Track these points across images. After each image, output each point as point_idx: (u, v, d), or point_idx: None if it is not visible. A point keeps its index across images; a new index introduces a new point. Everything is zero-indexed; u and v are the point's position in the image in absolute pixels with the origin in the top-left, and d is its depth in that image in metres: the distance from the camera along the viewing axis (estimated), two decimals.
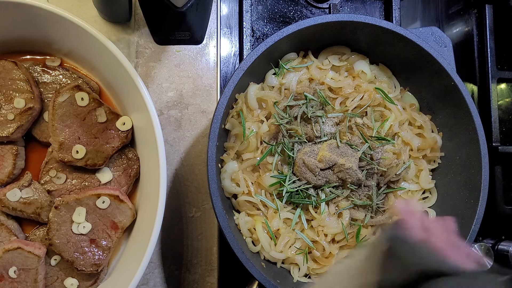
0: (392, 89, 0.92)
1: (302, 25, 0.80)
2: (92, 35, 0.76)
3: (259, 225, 0.82)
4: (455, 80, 0.83)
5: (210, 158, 0.76)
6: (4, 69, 0.80)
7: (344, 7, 1.06)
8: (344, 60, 0.90)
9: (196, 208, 0.93)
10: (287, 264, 0.85)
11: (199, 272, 0.91)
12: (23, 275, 0.76)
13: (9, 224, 0.80)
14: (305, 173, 0.80)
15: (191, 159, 0.94)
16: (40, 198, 0.79)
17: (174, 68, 0.95)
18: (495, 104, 1.06)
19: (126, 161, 0.84)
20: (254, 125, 0.84)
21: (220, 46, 0.98)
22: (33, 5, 0.74)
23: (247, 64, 0.79)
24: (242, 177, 0.82)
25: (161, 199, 0.74)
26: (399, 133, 0.88)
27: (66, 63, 0.88)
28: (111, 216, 0.79)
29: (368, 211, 0.85)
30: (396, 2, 1.04)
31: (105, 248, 0.79)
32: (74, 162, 0.80)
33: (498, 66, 1.08)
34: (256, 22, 1.03)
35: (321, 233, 0.83)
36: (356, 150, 0.83)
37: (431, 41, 0.89)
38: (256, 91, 0.85)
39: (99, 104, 0.81)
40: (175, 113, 0.94)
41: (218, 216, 0.75)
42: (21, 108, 0.79)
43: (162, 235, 0.91)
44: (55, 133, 0.79)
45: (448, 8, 1.12)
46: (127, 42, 0.94)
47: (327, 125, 0.84)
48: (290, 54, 0.88)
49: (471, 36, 1.11)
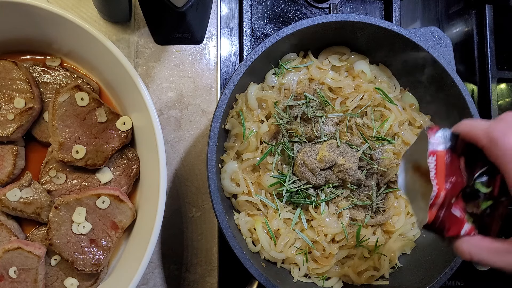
0: (392, 89, 0.92)
1: (302, 25, 0.80)
2: (92, 35, 0.76)
3: (259, 225, 0.82)
4: (455, 80, 0.83)
5: (210, 158, 0.76)
6: (4, 69, 0.80)
7: (344, 7, 1.06)
8: (344, 60, 0.90)
9: (196, 208, 0.93)
10: (287, 264, 0.85)
11: (199, 272, 0.91)
12: (23, 275, 0.76)
13: (9, 224, 0.80)
14: (305, 173, 0.80)
15: (191, 159, 0.94)
16: (40, 198, 0.79)
17: (174, 68, 0.95)
18: (495, 104, 1.06)
19: (126, 161, 0.84)
20: (254, 125, 0.84)
21: (220, 46, 0.98)
22: (33, 5, 0.74)
23: (247, 64, 0.79)
24: (242, 177, 0.82)
25: (161, 199, 0.74)
26: (399, 133, 0.88)
27: (66, 63, 0.88)
28: (111, 216, 0.79)
29: (368, 211, 0.85)
30: (396, 2, 1.04)
31: (105, 248, 0.79)
32: (74, 162, 0.80)
33: (498, 66, 1.08)
34: (256, 22, 1.03)
35: (321, 233, 0.83)
36: (356, 150, 0.83)
37: (431, 41, 0.89)
38: (256, 91, 0.85)
39: (99, 104, 0.81)
40: (175, 113, 0.94)
41: (218, 216, 0.75)
42: (21, 108, 0.79)
43: (162, 235, 0.91)
44: (55, 133, 0.79)
45: (448, 8, 1.12)
46: (127, 42, 0.94)
47: (327, 125, 0.84)
48: (290, 54, 0.88)
49: (471, 36, 1.11)
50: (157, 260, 0.91)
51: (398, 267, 0.88)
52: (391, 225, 0.86)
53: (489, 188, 0.55)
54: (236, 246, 0.75)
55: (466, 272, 0.98)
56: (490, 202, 0.55)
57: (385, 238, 0.86)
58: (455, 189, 0.55)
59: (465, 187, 0.55)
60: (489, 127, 0.52)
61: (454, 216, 0.55)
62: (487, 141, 0.52)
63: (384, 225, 0.86)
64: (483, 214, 0.55)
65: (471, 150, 0.55)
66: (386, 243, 0.85)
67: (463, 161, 0.56)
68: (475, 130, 0.54)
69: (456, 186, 0.55)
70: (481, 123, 0.54)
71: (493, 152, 0.51)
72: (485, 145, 0.52)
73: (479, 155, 0.54)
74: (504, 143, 0.50)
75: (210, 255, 0.92)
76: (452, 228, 0.55)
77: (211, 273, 0.91)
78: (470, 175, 0.56)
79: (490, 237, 0.54)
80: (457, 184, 0.55)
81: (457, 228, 0.55)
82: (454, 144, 0.56)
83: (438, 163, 0.55)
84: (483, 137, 0.52)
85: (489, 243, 0.54)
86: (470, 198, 0.56)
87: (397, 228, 0.86)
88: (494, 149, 0.51)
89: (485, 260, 0.53)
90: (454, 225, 0.55)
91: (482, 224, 0.56)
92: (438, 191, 0.54)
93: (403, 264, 0.88)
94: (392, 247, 0.85)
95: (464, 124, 0.56)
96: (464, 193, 0.56)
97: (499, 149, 0.50)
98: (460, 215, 0.55)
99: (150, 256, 0.72)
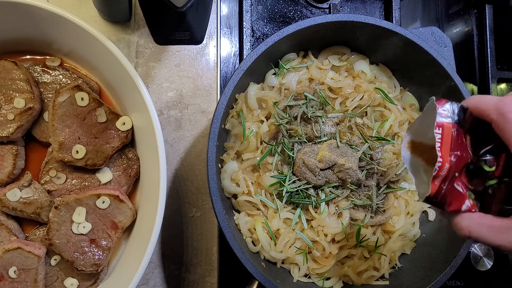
0: (392, 89, 0.92)
1: (302, 25, 0.80)
2: (92, 35, 0.76)
3: (259, 225, 0.82)
4: (455, 80, 0.83)
5: (210, 158, 0.76)
6: (4, 69, 0.80)
7: (344, 7, 1.06)
8: (344, 60, 0.90)
9: (196, 208, 0.93)
10: (287, 264, 0.85)
11: (199, 272, 0.91)
12: (23, 275, 0.76)
13: (9, 224, 0.80)
14: (305, 173, 0.80)
15: (191, 159, 0.94)
16: (40, 198, 0.79)
17: (174, 68, 0.95)
18: None
19: (126, 161, 0.84)
20: (254, 125, 0.84)
21: (220, 46, 0.98)
22: (33, 5, 0.74)
23: (247, 64, 0.79)
24: (242, 177, 0.82)
25: (161, 199, 0.74)
26: (399, 133, 0.88)
27: (66, 63, 0.88)
28: (111, 216, 0.79)
29: (368, 211, 0.85)
30: (396, 2, 1.04)
31: (105, 248, 0.79)
32: (74, 162, 0.80)
33: (498, 66, 1.08)
34: (256, 22, 1.03)
35: (321, 233, 0.83)
36: (356, 150, 0.83)
37: (431, 41, 0.89)
38: (256, 91, 0.85)
39: (99, 104, 0.81)
40: (175, 113, 0.94)
41: (218, 216, 0.75)
42: (21, 108, 0.79)
43: (162, 235, 0.91)
44: (55, 133, 0.79)
45: (448, 8, 1.12)
46: (127, 42, 0.94)
47: (327, 125, 0.84)
48: (290, 54, 0.88)
49: (471, 36, 1.11)
50: (157, 260, 0.91)
51: (398, 267, 0.88)
52: (391, 225, 0.86)
53: (492, 168, 0.54)
54: (236, 246, 0.75)
55: (466, 272, 0.98)
56: (495, 181, 0.55)
57: (385, 238, 0.86)
58: (459, 163, 0.54)
59: (469, 164, 0.55)
60: (499, 102, 0.52)
61: (457, 190, 0.55)
62: (496, 115, 0.51)
63: (384, 225, 0.86)
64: (485, 192, 0.55)
65: (478, 127, 0.55)
66: (386, 243, 0.86)
67: (469, 139, 0.56)
68: (485, 105, 0.53)
69: (461, 160, 0.55)
70: (491, 98, 0.54)
71: (502, 126, 0.51)
72: (494, 119, 0.52)
73: (485, 133, 0.54)
74: None
75: (210, 255, 0.92)
76: (453, 202, 0.55)
77: (211, 273, 0.91)
78: (475, 152, 0.55)
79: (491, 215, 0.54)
80: (462, 159, 0.55)
81: (459, 203, 0.55)
82: (462, 118, 0.56)
83: (444, 135, 0.55)
84: (492, 111, 0.52)
85: (489, 220, 0.53)
86: (473, 175, 0.55)
87: (397, 228, 0.86)
88: (503, 122, 0.51)
89: (484, 237, 0.52)
90: (456, 200, 0.55)
91: (483, 202, 0.55)
92: (442, 163, 0.54)
93: (403, 264, 0.88)
94: (392, 247, 0.85)
95: (473, 98, 0.55)
96: (468, 170, 0.55)
97: (508, 123, 0.50)
98: (462, 190, 0.55)
99: (150, 256, 0.72)
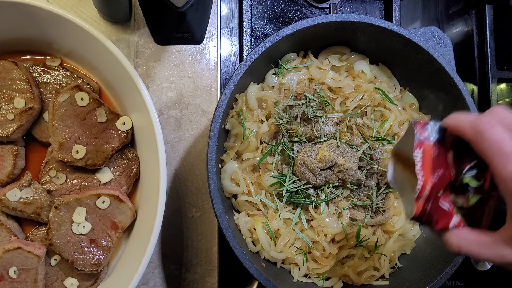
0: (392, 89, 0.92)
1: (302, 25, 0.80)
2: (92, 35, 0.76)
3: (259, 225, 0.82)
4: (455, 80, 0.83)
5: (210, 158, 0.76)
6: (4, 69, 0.80)
7: (344, 7, 1.06)
8: (344, 60, 0.90)
9: (196, 208, 0.93)
10: (287, 264, 0.85)
11: (199, 272, 0.91)
12: (23, 275, 0.76)
13: (9, 224, 0.80)
14: (305, 173, 0.80)
15: (191, 159, 0.94)
16: (40, 198, 0.79)
17: (174, 68, 0.95)
18: (495, 104, 1.06)
19: (126, 161, 0.84)
20: (254, 125, 0.84)
21: (220, 46, 0.98)
22: (33, 5, 0.74)
23: (247, 64, 0.79)
24: (242, 177, 0.82)
25: (161, 199, 0.74)
26: (399, 133, 0.88)
27: (66, 63, 0.88)
28: (111, 216, 0.79)
29: (368, 211, 0.85)
30: (396, 2, 1.04)
31: (105, 248, 0.79)
32: (74, 162, 0.80)
33: (498, 66, 1.08)
34: (256, 22, 1.03)
35: (321, 233, 0.83)
36: (356, 150, 0.83)
37: (431, 41, 0.89)
38: (256, 91, 0.85)
39: (99, 104, 0.81)
40: (175, 113, 0.94)
41: (218, 216, 0.75)
42: (21, 108, 0.79)
43: (162, 235, 0.91)
44: (55, 133, 0.79)
45: (448, 8, 1.12)
46: (127, 42, 0.94)
47: (327, 125, 0.84)
48: (290, 54, 0.88)
49: (471, 36, 1.11)
50: (157, 260, 0.91)
51: (398, 267, 0.88)
52: (391, 225, 0.86)
53: (479, 181, 0.55)
54: (236, 246, 0.75)
55: (466, 272, 0.98)
56: (478, 197, 0.55)
57: (385, 238, 0.86)
58: (442, 182, 0.55)
59: (454, 181, 0.55)
60: (475, 120, 0.51)
61: (442, 209, 0.55)
62: (473, 134, 0.51)
63: (384, 225, 0.86)
64: (473, 207, 0.55)
65: (460, 144, 0.55)
66: (386, 243, 0.86)
67: (452, 155, 0.56)
68: (462, 123, 0.53)
69: (444, 179, 0.55)
70: (468, 116, 0.53)
71: (479, 145, 0.51)
72: (471, 138, 0.51)
73: (468, 149, 0.54)
74: (490, 136, 0.49)
75: (210, 255, 0.92)
76: (440, 221, 0.55)
77: (211, 273, 0.91)
78: (459, 169, 0.55)
79: (480, 229, 0.54)
80: (445, 177, 0.55)
81: (446, 221, 0.55)
82: (442, 137, 0.56)
83: (424, 156, 0.55)
84: (469, 130, 0.52)
85: (477, 236, 0.53)
86: (459, 191, 0.56)
87: (397, 228, 0.86)
88: (480, 142, 0.50)
89: (474, 252, 0.53)
90: (443, 218, 0.55)
91: (471, 217, 0.56)
92: (424, 183, 0.54)
93: (403, 264, 0.88)
94: (392, 247, 0.85)
95: (451, 117, 0.55)
96: (453, 187, 0.56)
97: (485, 142, 0.50)
98: (448, 208, 0.55)
99: (150, 256, 0.72)
